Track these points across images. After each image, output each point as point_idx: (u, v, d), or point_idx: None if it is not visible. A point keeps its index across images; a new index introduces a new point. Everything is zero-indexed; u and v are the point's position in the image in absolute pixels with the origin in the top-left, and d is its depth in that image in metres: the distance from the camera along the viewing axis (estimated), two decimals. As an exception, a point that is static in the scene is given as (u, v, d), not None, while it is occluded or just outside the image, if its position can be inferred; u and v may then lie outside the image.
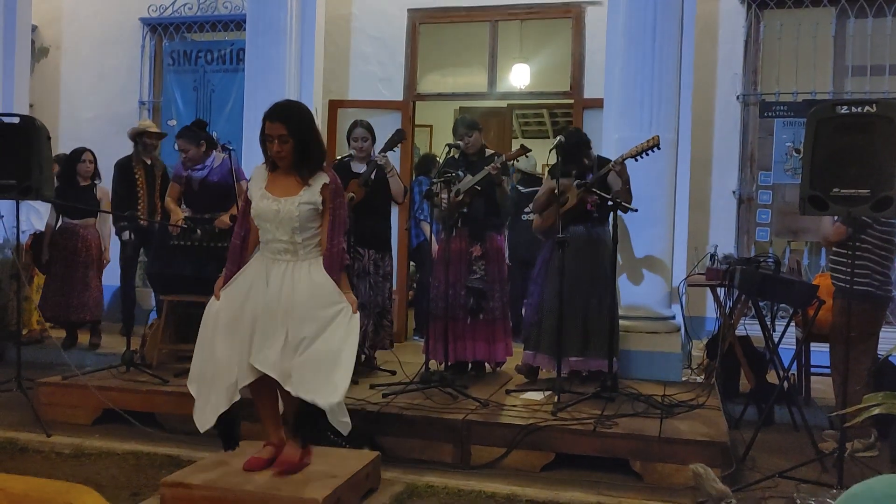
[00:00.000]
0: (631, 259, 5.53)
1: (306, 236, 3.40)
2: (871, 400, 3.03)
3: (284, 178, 3.43)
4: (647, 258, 5.52)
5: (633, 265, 5.53)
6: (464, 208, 5.18)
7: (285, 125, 3.34)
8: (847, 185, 3.63)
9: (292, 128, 3.35)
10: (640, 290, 5.51)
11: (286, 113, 3.39)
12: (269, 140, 3.37)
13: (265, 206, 3.40)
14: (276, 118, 3.36)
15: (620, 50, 5.63)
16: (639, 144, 4.86)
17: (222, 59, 7.76)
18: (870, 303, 4.34)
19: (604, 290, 4.99)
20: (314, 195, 3.39)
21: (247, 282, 3.42)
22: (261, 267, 3.43)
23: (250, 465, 3.45)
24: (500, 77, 7.77)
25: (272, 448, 3.53)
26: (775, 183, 6.66)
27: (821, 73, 6.65)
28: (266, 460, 3.48)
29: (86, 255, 6.47)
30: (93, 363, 5.83)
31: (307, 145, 3.39)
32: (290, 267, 3.39)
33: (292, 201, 3.37)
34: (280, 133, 3.34)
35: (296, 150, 3.37)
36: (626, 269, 5.52)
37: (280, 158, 3.38)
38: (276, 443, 3.54)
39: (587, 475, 4.04)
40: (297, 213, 3.35)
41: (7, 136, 4.85)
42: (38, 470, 3.92)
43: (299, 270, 3.38)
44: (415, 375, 4.80)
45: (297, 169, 3.40)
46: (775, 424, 5.00)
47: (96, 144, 6.93)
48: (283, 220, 3.36)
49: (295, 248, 3.40)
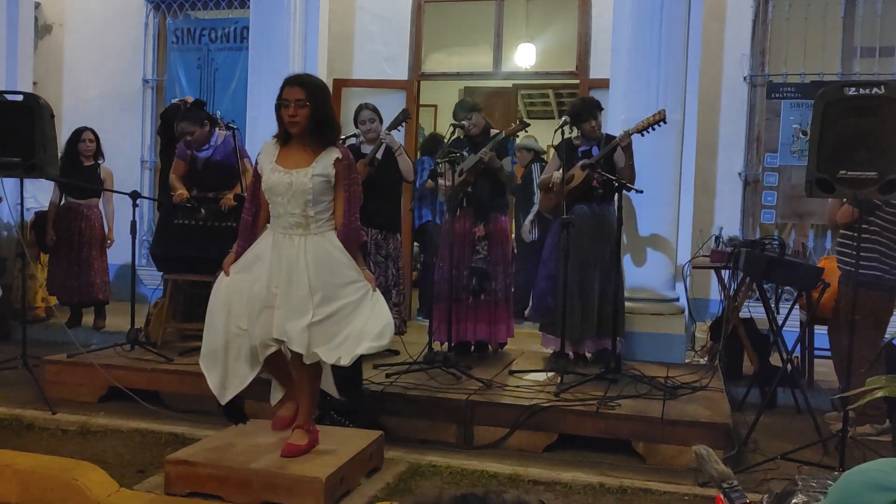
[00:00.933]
0: (636, 240, 5.51)
1: (319, 209, 3.39)
2: (874, 383, 3.03)
3: (296, 150, 3.41)
4: (651, 239, 5.51)
5: (637, 246, 5.52)
6: (468, 188, 5.18)
7: (304, 90, 3.35)
8: (854, 168, 3.61)
9: (311, 94, 3.36)
10: (644, 272, 5.50)
11: (306, 79, 3.45)
12: (284, 105, 3.35)
13: (277, 179, 3.37)
14: (295, 83, 3.38)
15: (627, 30, 5.58)
16: (645, 119, 4.84)
17: (226, 37, 7.71)
18: (879, 289, 4.32)
19: (609, 270, 4.99)
20: (327, 167, 3.37)
21: (258, 257, 3.41)
22: (272, 242, 3.41)
23: (278, 424, 3.51)
24: (506, 57, 7.71)
25: (293, 404, 3.55)
26: (781, 165, 6.63)
27: (829, 55, 6.60)
28: (292, 418, 3.51)
29: (89, 234, 6.47)
30: (98, 342, 5.85)
31: (323, 115, 3.39)
32: (304, 241, 3.37)
33: (305, 173, 3.35)
34: (298, 97, 3.33)
35: (312, 118, 3.35)
36: (631, 250, 5.51)
37: (295, 124, 3.35)
38: (294, 399, 3.56)
39: (590, 456, 4.06)
40: (310, 184, 3.34)
41: (11, 114, 4.83)
42: (44, 447, 3.95)
43: (313, 244, 3.37)
44: (418, 356, 4.81)
45: (312, 137, 3.38)
46: (778, 407, 5.01)
47: (100, 122, 6.92)
48: (296, 192, 3.34)
49: (307, 221, 3.38)
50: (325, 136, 3.40)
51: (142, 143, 8.11)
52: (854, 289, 3.87)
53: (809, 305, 4.93)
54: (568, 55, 7.34)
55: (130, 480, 3.52)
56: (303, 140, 3.41)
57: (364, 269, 3.48)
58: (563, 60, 7.59)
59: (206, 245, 5.23)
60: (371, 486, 3.54)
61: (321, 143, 3.40)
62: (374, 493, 3.47)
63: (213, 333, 3.39)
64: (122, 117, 8.04)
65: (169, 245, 5.39)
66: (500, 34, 7.31)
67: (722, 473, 2.42)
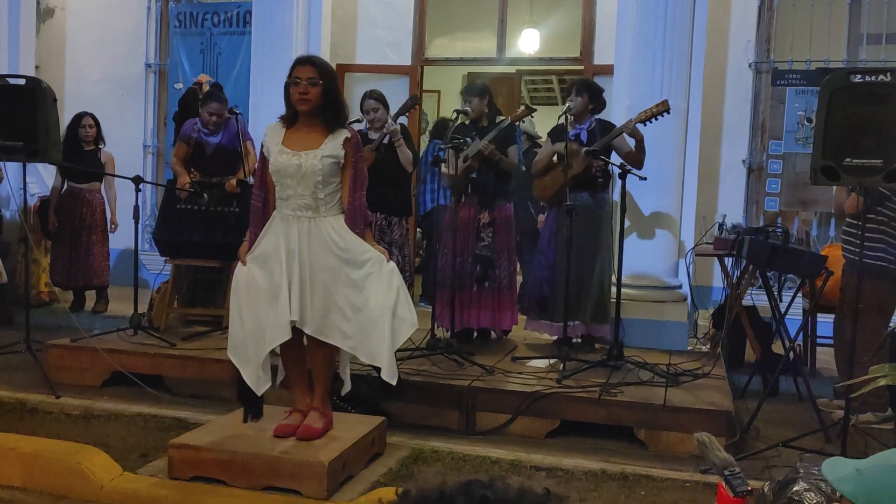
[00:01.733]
0: (638, 228, 5.50)
1: (328, 192, 3.38)
2: (877, 371, 3.03)
3: (304, 132, 3.40)
4: (654, 227, 5.50)
5: (640, 234, 5.51)
6: (472, 174, 5.16)
7: (316, 69, 3.35)
8: (859, 156, 3.59)
9: (322, 73, 3.36)
10: (647, 259, 5.49)
11: (317, 60, 3.46)
12: (295, 83, 3.34)
13: (285, 161, 3.36)
14: (307, 62, 3.39)
15: (632, 16, 5.54)
16: (647, 109, 4.81)
17: (229, 21, 7.68)
18: (885, 278, 4.31)
19: (604, 257, 4.99)
20: (336, 148, 3.36)
21: (271, 243, 3.40)
22: (282, 226, 3.40)
23: (280, 431, 3.47)
24: (510, 42, 7.68)
25: (300, 415, 3.54)
26: (786, 152, 6.60)
27: (835, 41, 6.55)
28: (295, 427, 3.49)
29: (90, 219, 6.46)
30: (101, 327, 5.86)
31: (334, 94, 3.39)
32: (314, 224, 3.37)
33: (314, 154, 3.34)
34: (310, 76, 3.32)
35: (323, 96, 3.34)
36: (634, 237, 5.50)
37: (306, 101, 3.33)
38: (303, 409, 3.56)
39: (592, 442, 4.07)
40: (319, 166, 3.32)
41: (13, 98, 4.82)
42: (48, 431, 3.96)
43: (322, 227, 3.37)
44: (421, 342, 4.81)
45: (321, 117, 3.37)
46: (780, 395, 5.02)
47: (102, 107, 6.89)
48: (305, 174, 3.33)
49: (316, 203, 3.37)
50: (334, 117, 3.39)
51: (144, 127, 8.09)
52: (858, 277, 3.86)
53: (812, 293, 4.92)
54: (572, 41, 7.30)
55: (134, 464, 3.54)
56: (311, 121, 3.39)
57: (374, 243, 3.48)
58: (567, 46, 7.55)
59: (209, 230, 5.24)
60: (373, 472, 3.56)
61: (330, 125, 3.39)
62: (376, 478, 3.48)
63: (237, 326, 3.37)
64: (124, 102, 8.02)
65: (172, 230, 5.39)
66: (504, 19, 7.27)
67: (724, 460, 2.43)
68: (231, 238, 4.95)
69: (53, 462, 3.40)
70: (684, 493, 3.49)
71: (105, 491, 3.29)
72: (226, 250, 5.00)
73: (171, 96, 7.76)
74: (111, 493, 3.28)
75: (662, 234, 5.51)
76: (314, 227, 3.37)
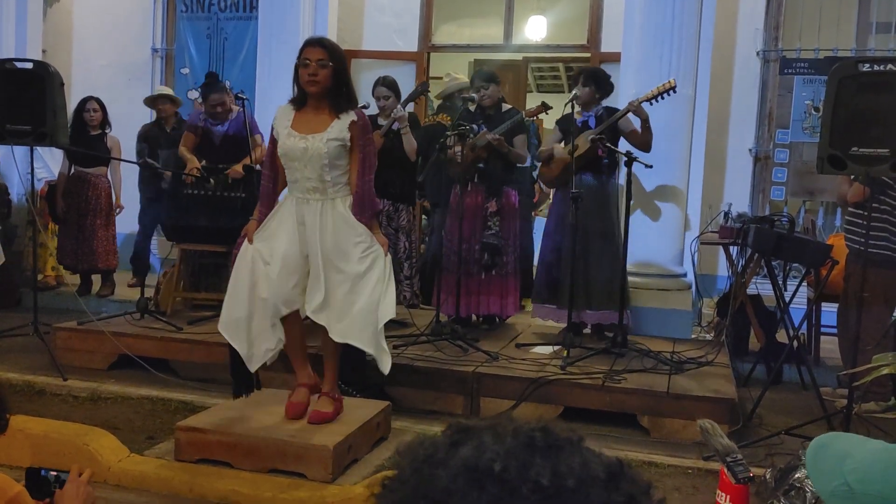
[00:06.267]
0: (643, 215, 5.50)
1: (336, 174, 3.38)
2: (880, 360, 3.04)
3: (312, 115, 3.40)
4: (659, 214, 5.49)
5: (646, 221, 5.51)
6: (480, 163, 5.16)
7: (326, 51, 3.35)
8: (867, 145, 3.59)
9: (332, 55, 3.36)
10: (652, 247, 5.49)
11: (327, 42, 3.46)
12: (304, 64, 3.34)
13: (292, 144, 3.37)
14: (317, 44, 3.39)
15: (640, 3, 5.52)
16: (654, 88, 4.81)
17: (235, 6, 7.66)
18: (889, 267, 4.30)
19: (611, 242, 4.99)
20: (342, 131, 3.36)
21: (280, 224, 3.42)
22: (292, 208, 3.42)
23: (292, 412, 3.49)
24: (516, 29, 7.65)
25: (305, 389, 3.57)
26: (793, 141, 6.57)
27: (844, 30, 6.52)
28: (306, 404, 3.52)
29: (96, 203, 6.49)
30: (108, 310, 5.89)
31: (343, 77, 3.40)
32: (323, 206, 3.38)
33: (320, 138, 3.34)
34: (320, 57, 3.32)
35: (333, 78, 3.35)
36: (639, 224, 5.49)
37: (315, 83, 3.33)
38: (307, 383, 3.58)
39: (595, 429, 4.08)
40: (325, 149, 3.33)
41: (21, 82, 4.83)
42: (56, 413, 3.99)
43: (331, 209, 3.38)
44: (426, 328, 4.83)
45: (329, 100, 3.38)
46: (783, 383, 5.03)
47: (108, 92, 6.90)
48: (311, 157, 3.34)
49: (324, 186, 3.38)
50: (342, 101, 3.39)
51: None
52: (863, 266, 3.87)
53: (817, 283, 4.92)
54: (579, 28, 7.28)
55: (141, 446, 3.57)
56: (320, 104, 3.39)
57: (378, 234, 3.49)
58: (575, 33, 7.53)
59: (216, 215, 5.25)
60: (378, 455, 3.58)
61: (338, 108, 3.39)
62: (381, 461, 3.51)
63: (236, 302, 3.39)
64: (130, 86, 8.02)
65: (179, 215, 5.41)
66: (511, 6, 7.25)
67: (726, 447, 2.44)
68: (237, 223, 4.92)
69: (61, 443, 3.44)
70: (687, 480, 3.51)
71: (112, 472, 3.32)
72: (232, 235, 4.99)
73: (177, 81, 7.75)
74: (118, 475, 3.32)
75: (668, 222, 5.51)
76: (324, 209, 3.38)
